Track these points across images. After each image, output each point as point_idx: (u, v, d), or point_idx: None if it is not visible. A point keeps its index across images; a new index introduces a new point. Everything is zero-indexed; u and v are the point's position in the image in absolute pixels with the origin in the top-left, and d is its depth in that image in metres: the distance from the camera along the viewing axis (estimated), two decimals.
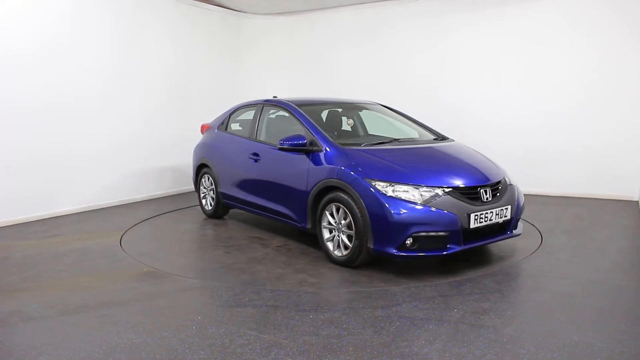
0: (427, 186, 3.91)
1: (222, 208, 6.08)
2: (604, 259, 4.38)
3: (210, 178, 6.10)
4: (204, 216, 6.35)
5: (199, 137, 8.30)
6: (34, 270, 4.25)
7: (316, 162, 4.43)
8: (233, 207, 5.90)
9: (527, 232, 5.28)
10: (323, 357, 2.70)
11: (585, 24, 7.00)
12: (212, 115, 8.57)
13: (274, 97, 5.75)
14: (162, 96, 7.67)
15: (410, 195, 3.86)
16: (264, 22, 9.28)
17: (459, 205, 3.88)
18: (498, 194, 4.19)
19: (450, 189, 3.94)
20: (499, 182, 4.27)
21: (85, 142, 6.56)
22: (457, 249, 3.88)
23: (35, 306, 3.45)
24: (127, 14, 7.04)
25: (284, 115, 5.27)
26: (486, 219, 4.00)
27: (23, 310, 3.39)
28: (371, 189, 3.93)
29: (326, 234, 4.36)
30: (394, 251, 3.84)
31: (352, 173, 4.09)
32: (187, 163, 8.17)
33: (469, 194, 3.99)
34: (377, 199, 3.88)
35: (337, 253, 4.26)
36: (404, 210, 3.80)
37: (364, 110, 5.68)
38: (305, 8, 8.89)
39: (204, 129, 6.55)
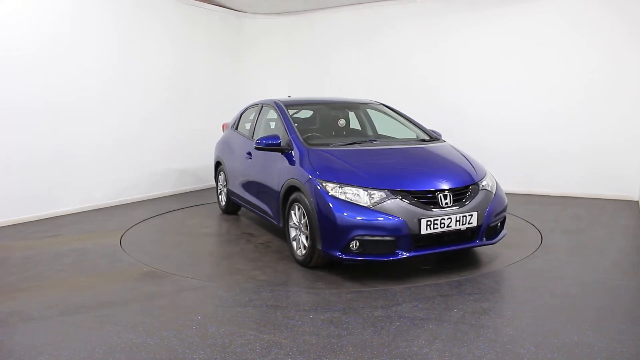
0: (377, 189, 3.79)
1: (232, 205, 6.20)
2: (604, 259, 4.38)
3: (224, 175, 6.27)
4: (202, 215, 6.37)
5: (199, 137, 8.36)
6: (34, 270, 4.25)
7: (288, 161, 4.49)
8: (238, 204, 5.99)
9: (527, 232, 5.29)
10: (323, 357, 2.70)
11: (585, 24, 7.00)
12: (212, 115, 8.61)
13: (289, 96, 5.90)
14: (162, 96, 7.67)
15: (358, 198, 3.78)
16: (264, 22, 9.28)
17: (409, 209, 3.73)
18: (462, 200, 3.95)
19: (403, 193, 3.80)
20: (465, 187, 4.03)
21: (85, 142, 6.56)
22: (406, 255, 3.74)
23: (35, 306, 3.45)
24: (127, 14, 7.04)
25: (276, 115, 5.34)
26: (442, 225, 3.80)
27: (23, 310, 3.39)
28: (321, 190, 3.91)
29: (292, 233, 4.39)
30: (338, 254, 3.80)
31: (307, 174, 4.11)
32: (188, 163, 8.20)
33: (425, 199, 3.83)
34: (325, 200, 3.85)
35: (298, 253, 4.29)
36: (348, 213, 3.72)
37: (359, 110, 5.69)
38: (305, 8, 8.90)
39: (224, 127, 6.77)
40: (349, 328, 3.05)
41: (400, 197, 3.78)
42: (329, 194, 3.85)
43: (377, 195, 3.77)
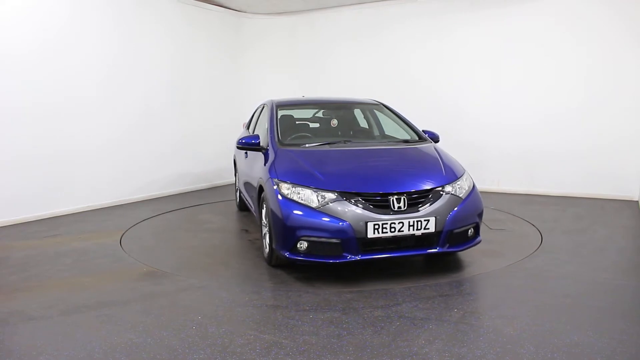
0: (328, 190, 3.76)
1: (243, 202, 6.32)
2: (604, 259, 4.38)
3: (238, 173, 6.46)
4: (202, 215, 6.38)
5: (199, 137, 8.37)
6: (34, 270, 4.25)
7: (264, 161, 4.54)
8: (244, 201, 6.12)
9: (527, 232, 5.29)
10: (323, 357, 2.70)
11: (584, 25, 7.00)
12: (212, 115, 8.62)
13: (303, 96, 6.02)
14: (161, 96, 7.67)
15: (308, 199, 3.77)
16: (264, 22, 9.28)
17: (355, 212, 3.66)
18: (420, 204, 3.79)
19: (353, 195, 3.73)
20: (425, 191, 3.86)
21: (86, 142, 6.56)
22: (353, 258, 3.69)
23: (35, 306, 3.45)
24: (127, 13, 7.04)
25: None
26: (393, 229, 3.67)
27: (23, 310, 3.39)
28: (275, 190, 3.94)
29: (263, 231, 4.44)
30: (287, 254, 3.81)
31: (269, 174, 4.16)
32: (188, 163, 8.20)
33: (376, 202, 3.73)
34: (276, 200, 3.88)
35: (266, 251, 4.34)
36: (295, 213, 3.73)
37: (357, 110, 5.70)
38: (305, 8, 8.90)
39: (244, 126, 6.94)
40: (349, 328, 3.05)
41: (348, 199, 3.73)
42: (282, 194, 3.88)
43: (327, 196, 3.75)
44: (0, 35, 5.61)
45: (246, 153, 5.49)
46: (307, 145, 4.59)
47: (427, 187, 3.90)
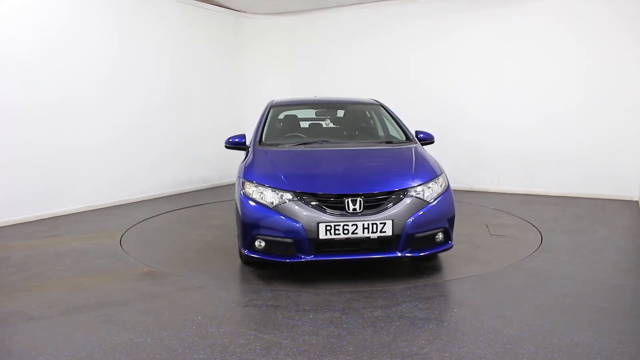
0: (285, 190, 3.76)
1: None
2: (604, 259, 4.38)
3: None
4: (203, 215, 6.38)
5: (199, 136, 8.36)
6: (34, 270, 4.25)
7: (244, 160, 4.59)
8: None
9: (527, 232, 5.29)
10: (323, 357, 2.70)
11: (583, 25, 7.01)
12: (211, 115, 8.61)
13: (315, 96, 6.07)
14: (161, 96, 7.67)
15: (267, 198, 3.79)
16: (264, 22, 9.28)
17: (308, 213, 3.65)
18: (378, 206, 3.70)
19: (308, 195, 3.71)
20: (386, 193, 3.75)
21: (86, 142, 6.56)
22: (306, 258, 3.68)
23: (35, 306, 3.45)
24: (127, 13, 7.04)
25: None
26: (346, 231, 3.61)
27: (23, 310, 3.39)
28: (239, 188, 4.02)
29: None
30: (247, 251, 3.87)
31: (239, 173, 4.23)
32: (188, 163, 8.20)
33: (331, 203, 3.69)
34: (239, 198, 3.97)
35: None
36: (252, 212, 3.79)
37: (355, 110, 5.66)
38: (305, 8, 8.90)
39: None
40: (349, 328, 3.05)
41: (304, 200, 3.71)
42: (245, 192, 3.93)
43: (285, 197, 3.76)
44: (0, 35, 5.61)
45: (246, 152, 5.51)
46: (280, 145, 4.61)
47: (388, 189, 3.79)
